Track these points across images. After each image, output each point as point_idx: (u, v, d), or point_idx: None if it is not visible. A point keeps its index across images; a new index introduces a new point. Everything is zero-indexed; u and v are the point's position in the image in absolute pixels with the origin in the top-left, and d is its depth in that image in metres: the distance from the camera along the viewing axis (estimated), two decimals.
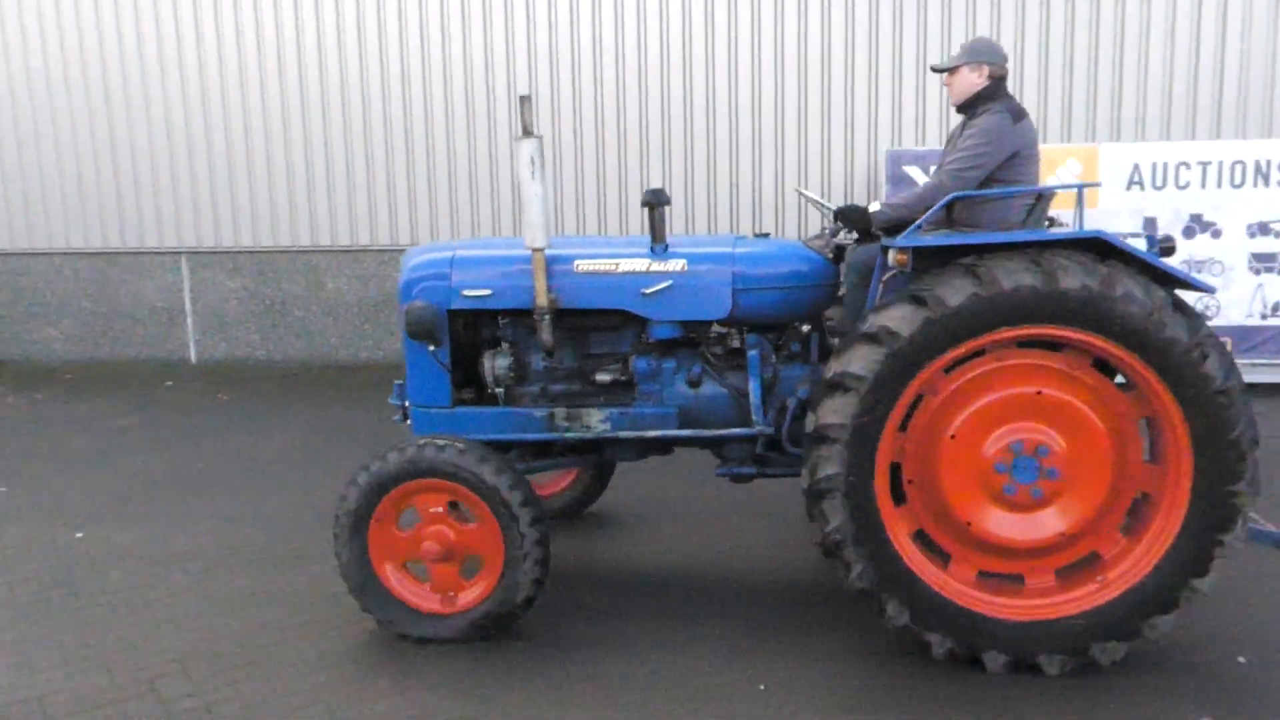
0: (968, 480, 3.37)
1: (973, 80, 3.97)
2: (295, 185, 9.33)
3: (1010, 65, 4.10)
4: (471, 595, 3.71)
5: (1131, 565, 3.33)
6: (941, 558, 3.50)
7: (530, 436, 4.03)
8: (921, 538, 3.51)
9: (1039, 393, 3.32)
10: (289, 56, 9.19)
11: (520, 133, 3.70)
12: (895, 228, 3.75)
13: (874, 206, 3.90)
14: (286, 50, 9.15)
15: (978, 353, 3.33)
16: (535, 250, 3.79)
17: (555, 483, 5.07)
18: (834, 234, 4.26)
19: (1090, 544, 3.46)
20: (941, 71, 4.10)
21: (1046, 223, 4.05)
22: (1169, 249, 3.72)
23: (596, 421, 3.97)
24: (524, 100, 3.71)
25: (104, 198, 9.54)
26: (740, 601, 4.07)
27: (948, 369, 3.36)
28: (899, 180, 7.89)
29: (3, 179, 9.66)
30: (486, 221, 9.21)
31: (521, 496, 3.59)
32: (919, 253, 3.40)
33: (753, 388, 3.95)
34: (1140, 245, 3.48)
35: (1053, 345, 3.33)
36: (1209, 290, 3.51)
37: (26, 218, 9.66)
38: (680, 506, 5.27)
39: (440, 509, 3.68)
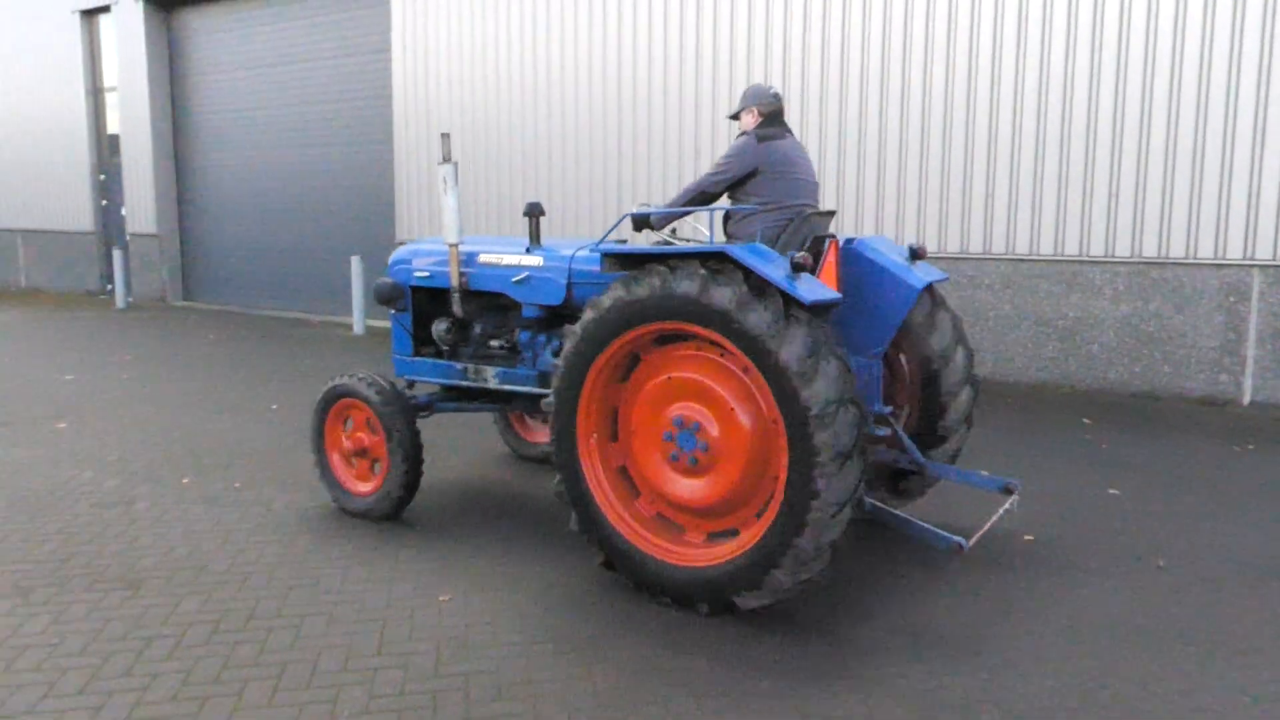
0: (648, 436, 3.99)
1: (748, 121, 4.72)
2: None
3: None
4: (371, 485, 5.07)
5: (756, 531, 3.73)
6: (634, 492, 4.15)
7: (450, 382, 5.32)
8: (625, 473, 4.17)
9: (703, 381, 3.81)
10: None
11: (441, 160, 4.98)
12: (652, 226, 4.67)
13: (638, 208, 4.67)
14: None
15: (681, 336, 3.90)
16: (451, 245, 5.07)
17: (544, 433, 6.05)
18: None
19: (734, 521, 3.91)
20: (732, 118, 4.85)
21: (805, 241, 4.49)
22: (919, 254, 4.63)
23: (490, 376, 5.12)
24: (444, 136, 5.01)
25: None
26: None
27: (660, 343, 3.99)
28: None
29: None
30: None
31: (400, 420, 4.87)
32: (611, 258, 4.17)
33: None
34: (898, 251, 4.59)
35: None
36: (800, 298, 3.57)
37: None
38: None
39: (364, 421, 5.09)
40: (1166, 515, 5.22)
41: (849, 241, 4.64)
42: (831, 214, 4.78)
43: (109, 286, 17.52)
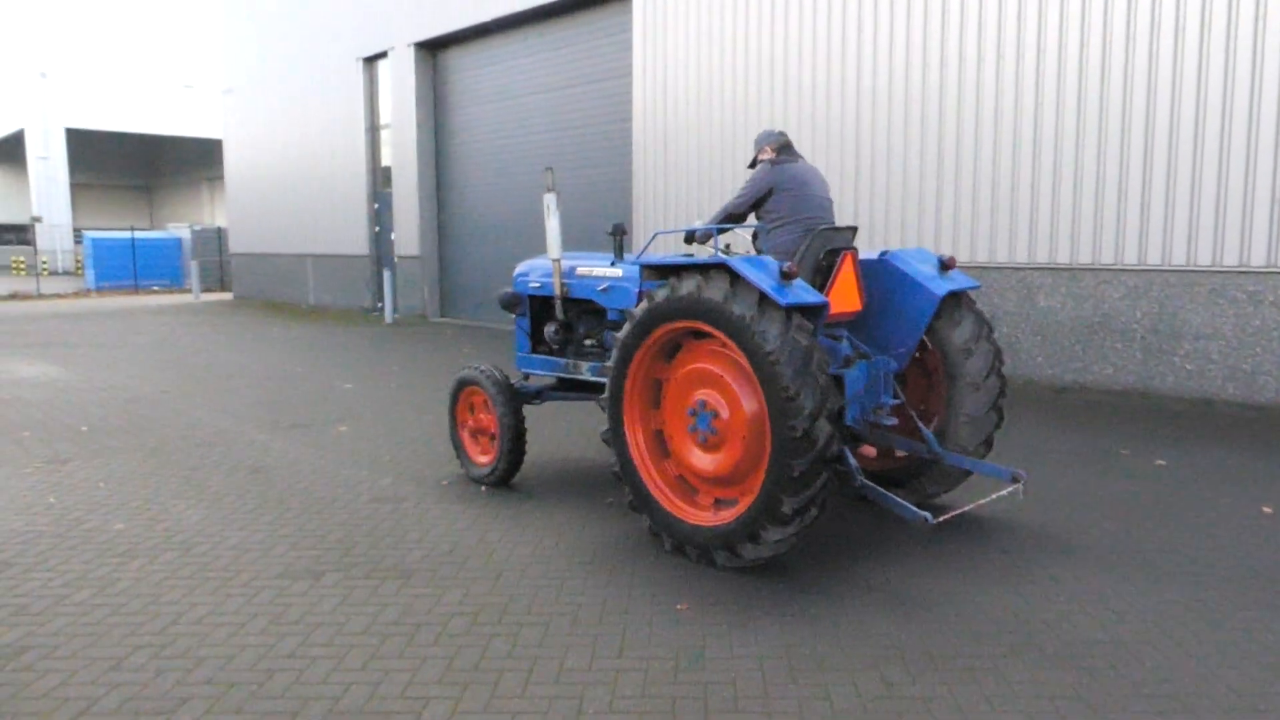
0: (678, 414, 4.73)
1: (767, 156, 5.44)
2: (1018, 199, 9.47)
3: None
4: (489, 457, 6.17)
5: (749, 499, 4.40)
6: (665, 452, 4.92)
7: (556, 375, 6.18)
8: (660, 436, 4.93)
9: (717, 372, 4.53)
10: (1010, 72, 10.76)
11: (545, 190, 5.77)
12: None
13: (687, 226, 5.41)
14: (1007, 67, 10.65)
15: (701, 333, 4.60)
16: (554, 260, 5.88)
17: None
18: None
19: (737, 492, 4.58)
20: (750, 166, 5.60)
21: (820, 254, 5.02)
22: (948, 264, 5.18)
23: (585, 370, 5.94)
24: (548, 171, 5.82)
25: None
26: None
27: (669, 356, 4.85)
28: None
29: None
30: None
31: (505, 403, 5.91)
32: (648, 269, 5.11)
33: None
34: (930, 262, 5.22)
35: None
36: (775, 298, 4.17)
37: None
38: None
39: (483, 405, 6.16)
40: None
41: (883, 254, 5.28)
42: (853, 230, 5.32)
43: (379, 304, 19.44)
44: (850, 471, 4.59)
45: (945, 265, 5.21)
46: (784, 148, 5.45)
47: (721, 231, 5.30)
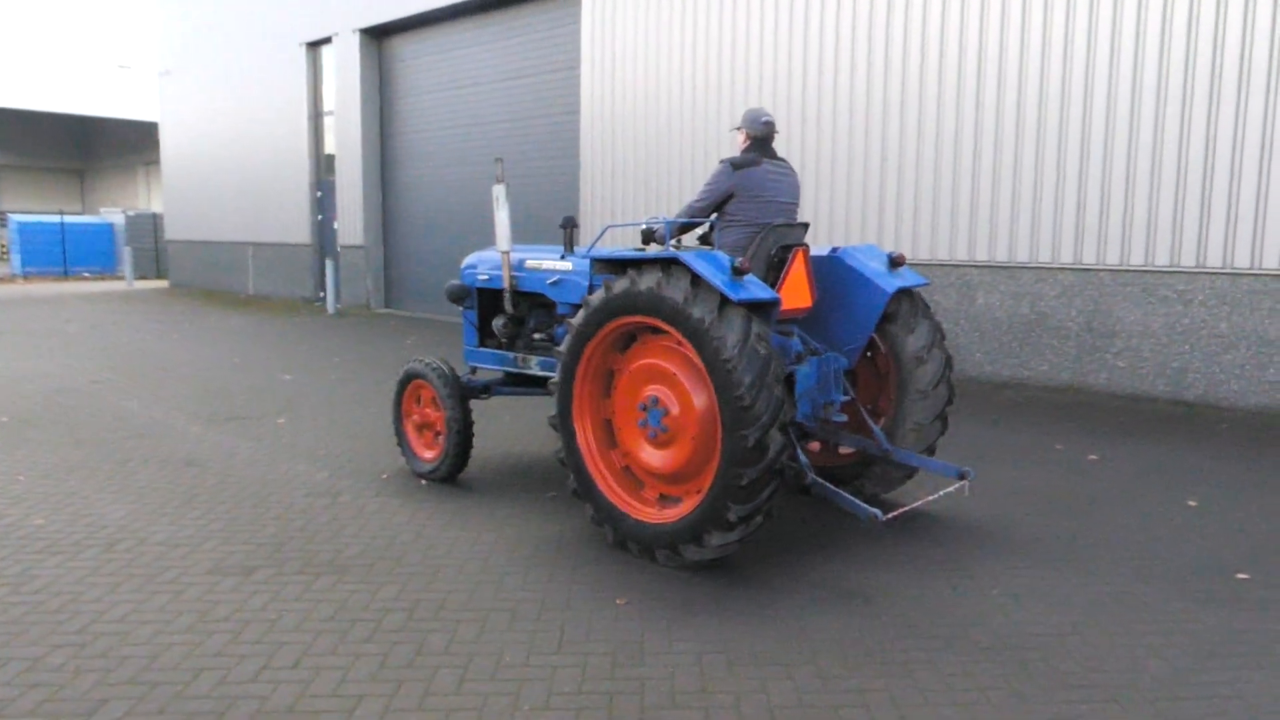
0: (628, 409, 4.68)
1: (740, 140, 5.33)
2: (959, 198, 9.47)
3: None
4: (434, 452, 6.02)
5: (694, 500, 4.40)
6: (613, 443, 4.86)
7: (504, 369, 6.14)
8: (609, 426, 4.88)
9: (667, 367, 4.49)
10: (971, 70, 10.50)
11: (495, 181, 5.76)
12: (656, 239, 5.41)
13: (646, 222, 5.34)
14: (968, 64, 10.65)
15: (634, 337, 4.69)
16: (503, 252, 5.79)
17: None
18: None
19: (683, 490, 4.56)
20: (735, 129, 5.43)
21: (773, 250, 5.00)
22: (897, 261, 5.20)
23: (534, 365, 5.91)
24: (498, 161, 5.94)
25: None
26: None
27: (622, 348, 4.77)
28: None
29: None
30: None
31: (452, 397, 5.77)
32: (599, 263, 4.97)
33: None
34: (879, 259, 5.23)
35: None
36: (728, 295, 4.15)
37: None
38: None
39: (430, 399, 6.02)
40: None
41: (834, 250, 5.29)
42: (805, 226, 5.28)
43: (321, 294, 19.08)
44: (801, 468, 4.59)
45: (895, 262, 5.22)
46: (759, 142, 5.27)
47: (682, 231, 5.28)
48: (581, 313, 4.74)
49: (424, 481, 6.01)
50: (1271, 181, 7.92)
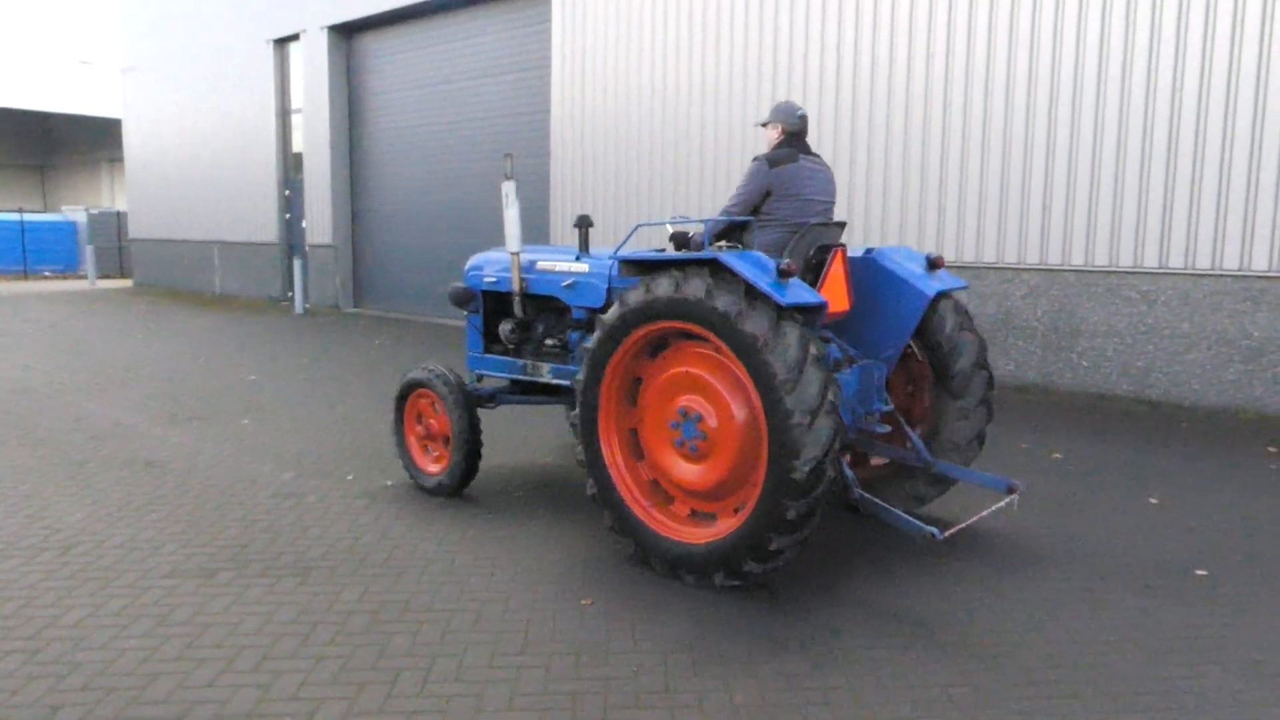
0: (659, 421, 4.38)
1: (772, 135, 5.10)
2: (926, 198, 9.52)
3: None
4: (441, 465, 5.67)
5: (734, 523, 4.10)
6: (638, 458, 4.57)
7: (512, 376, 5.81)
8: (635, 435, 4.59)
9: (703, 376, 4.19)
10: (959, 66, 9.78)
11: (504, 177, 5.42)
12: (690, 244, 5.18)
13: (670, 221, 5.14)
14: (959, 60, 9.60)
15: (666, 343, 4.38)
16: (513, 253, 5.54)
17: None
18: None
19: (717, 507, 4.29)
20: (761, 125, 5.21)
21: (810, 250, 4.78)
22: (936, 263, 4.89)
23: (545, 372, 5.57)
24: (507, 157, 5.54)
25: None
26: None
27: (652, 354, 4.46)
28: None
29: None
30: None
31: (460, 406, 5.42)
32: (627, 264, 4.62)
33: None
34: (916, 260, 4.90)
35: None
36: (778, 300, 3.88)
37: None
38: None
39: (433, 409, 5.68)
40: None
41: (868, 251, 4.97)
42: (841, 225, 5.06)
43: (289, 293, 18.87)
44: (847, 483, 4.31)
45: (933, 264, 4.91)
46: (793, 136, 5.02)
47: (720, 235, 4.98)
48: (615, 312, 4.37)
49: (389, 482, 5.95)
50: (1231, 186, 8.05)
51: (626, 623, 3.90)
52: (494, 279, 5.87)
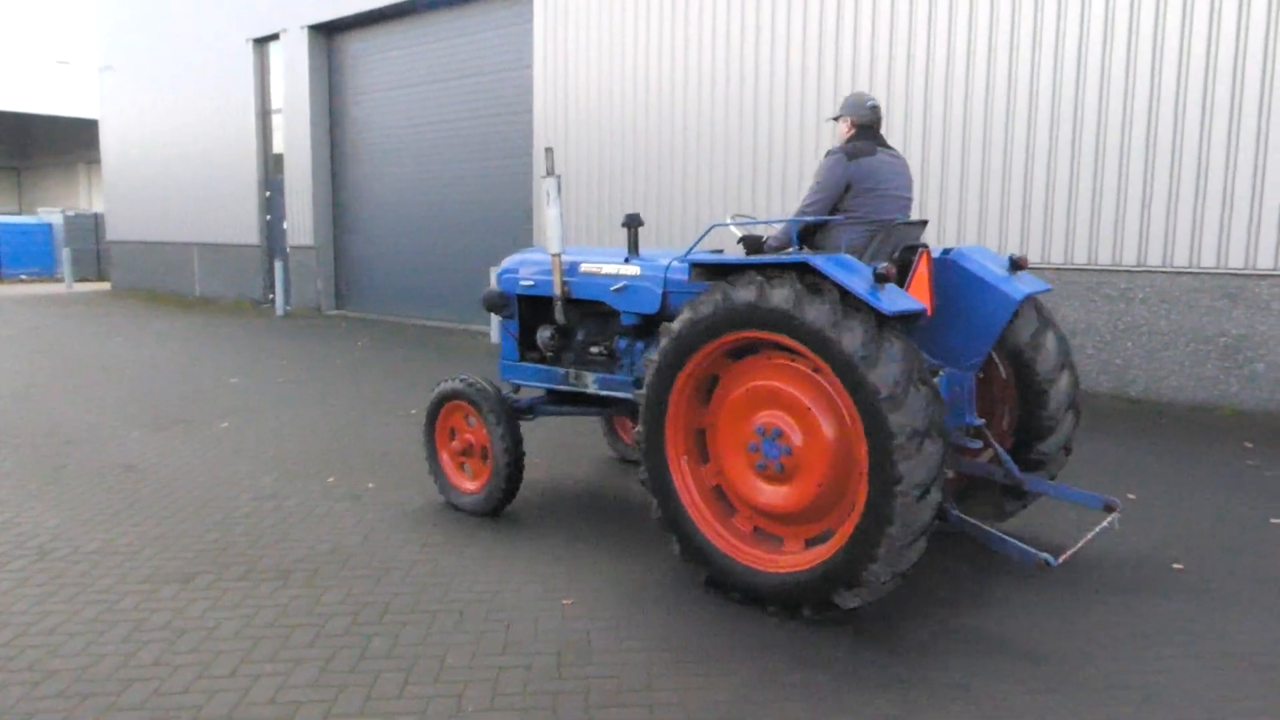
0: (733, 448, 4.07)
1: (842, 130, 4.75)
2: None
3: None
4: (477, 483, 5.31)
5: (849, 528, 3.68)
6: (730, 509, 4.21)
7: (552, 386, 5.46)
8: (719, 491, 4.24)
9: (786, 389, 3.87)
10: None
11: (544, 173, 5.05)
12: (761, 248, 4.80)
13: (732, 219, 4.89)
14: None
15: (753, 348, 4.00)
16: (554, 255, 5.18)
17: None
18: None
19: (829, 522, 3.91)
20: (834, 119, 4.88)
21: (894, 251, 4.46)
22: (1019, 264, 4.52)
23: (590, 381, 5.23)
24: (548, 151, 5.12)
25: None
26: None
27: (736, 356, 4.08)
28: None
29: None
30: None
31: (501, 420, 5.05)
32: (698, 268, 4.22)
33: None
34: (998, 261, 4.54)
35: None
36: (880, 308, 3.55)
37: None
38: None
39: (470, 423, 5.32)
40: None
41: (946, 252, 4.59)
42: (923, 224, 4.74)
43: (270, 296, 18.75)
44: (944, 508, 3.89)
45: (1016, 264, 4.54)
46: (868, 129, 4.69)
47: (802, 236, 4.62)
48: (684, 319, 4.02)
49: (370, 485, 5.91)
50: (1209, 183, 8.12)
51: (608, 622, 3.90)
52: (531, 282, 5.53)
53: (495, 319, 12.91)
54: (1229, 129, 7.99)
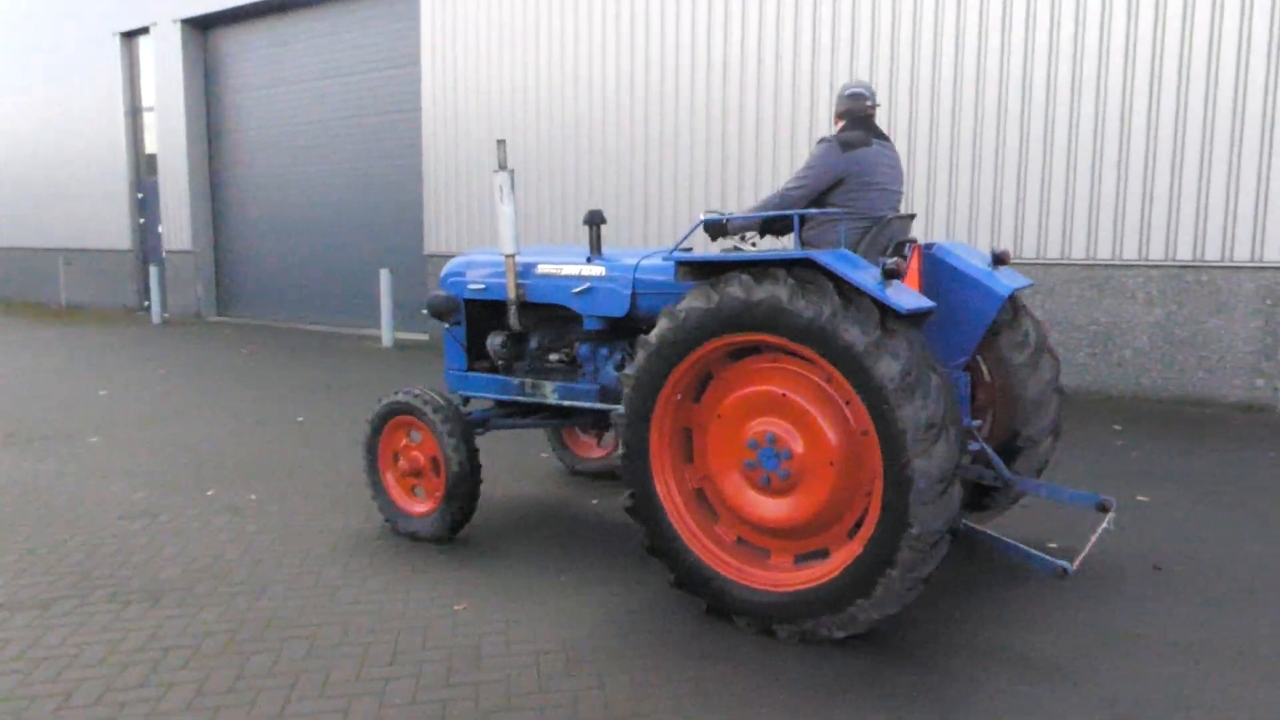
0: (726, 456, 3.79)
1: (836, 124, 4.57)
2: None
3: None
4: (427, 505, 4.84)
5: (849, 554, 3.53)
6: (713, 516, 3.95)
7: (506, 397, 5.09)
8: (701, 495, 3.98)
9: (784, 395, 3.62)
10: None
11: (497, 168, 4.80)
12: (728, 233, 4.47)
13: (706, 214, 4.37)
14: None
15: (755, 349, 3.70)
16: (507, 256, 4.86)
17: (604, 450, 6.10)
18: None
19: (825, 540, 3.70)
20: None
21: (886, 247, 4.29)
22: (1002, 259, 4.41)
23: (549, 391, 4.88)
24: (500, 143, 4.91)
25: None
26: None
27: (735, 357, 3.78)
28: None
29: None
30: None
31: (455, 433, 4.62)
32: (685, 267, 3.88)
33: None
34: (980, 256, 4.41)
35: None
36: (895, 307, 3.36)
37: None
38: None
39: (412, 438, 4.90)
40: (1196, 524, 5.07)
41: (929, 247, 4.46)
42: (912, 218, 4.59)
43: (145, 303, 17.84)
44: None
45: (999, 259, 4.42)
46: (860, 120, 4.47)
47: (770, 226, 4.38)
48: (661, 333, 3.74)
49: (253, 496, 5.66)
50: (1077, 180, 8.54)
51: (500, 625, 3.82)
52: (481, 285, 5.16)
53: (391, 319, 12.59)
54: (1096, 126, 8.41)
